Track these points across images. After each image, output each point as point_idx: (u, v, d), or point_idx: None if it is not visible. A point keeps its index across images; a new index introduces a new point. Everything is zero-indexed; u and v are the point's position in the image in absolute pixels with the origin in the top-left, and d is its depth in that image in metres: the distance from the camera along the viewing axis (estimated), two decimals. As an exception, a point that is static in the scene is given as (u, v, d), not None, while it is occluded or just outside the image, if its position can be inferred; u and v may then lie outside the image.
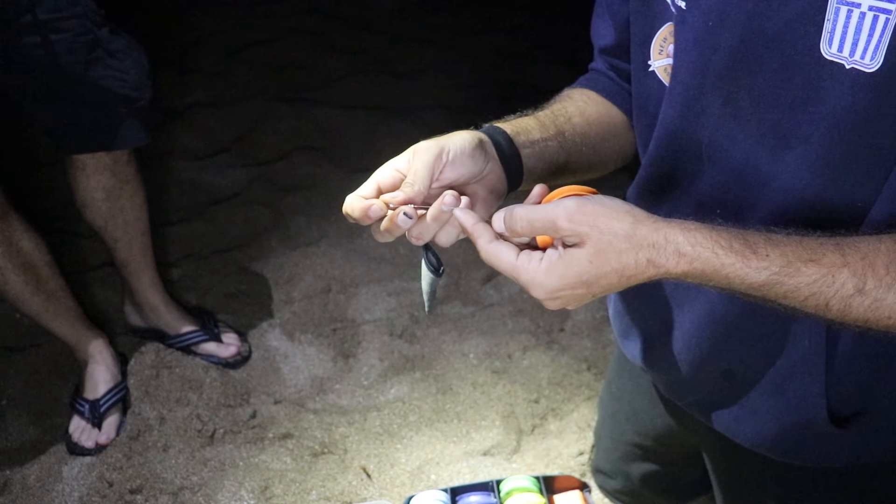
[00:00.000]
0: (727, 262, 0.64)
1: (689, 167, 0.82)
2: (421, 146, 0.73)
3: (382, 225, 0.71)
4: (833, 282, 0.64)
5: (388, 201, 0.71)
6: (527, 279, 0.67)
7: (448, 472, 1.65)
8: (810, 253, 0.64)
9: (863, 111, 0.65)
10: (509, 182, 0.81)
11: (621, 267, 0.65)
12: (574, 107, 0.94)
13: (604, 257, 0.65)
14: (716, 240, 0.65)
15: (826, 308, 0.65)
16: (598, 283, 0.66)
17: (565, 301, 0.69)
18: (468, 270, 2.21)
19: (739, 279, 0.64)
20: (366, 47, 3.39)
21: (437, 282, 0.74)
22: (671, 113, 0.80)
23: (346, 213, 0.73)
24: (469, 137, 0.75)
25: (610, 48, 0.96)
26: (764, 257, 0.64)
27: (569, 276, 0.66)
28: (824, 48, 0.65)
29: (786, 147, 0.71)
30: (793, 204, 0.73)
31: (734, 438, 0.94)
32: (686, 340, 0.91)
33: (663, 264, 0.65)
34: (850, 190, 0.70)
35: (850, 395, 0.83)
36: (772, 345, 0.84)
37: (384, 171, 0.74)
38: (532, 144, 0.84)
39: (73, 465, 1.64)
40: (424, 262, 0.74)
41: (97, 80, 1.48)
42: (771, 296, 0.66)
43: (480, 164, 0.76)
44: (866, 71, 0.63)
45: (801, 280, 0.64)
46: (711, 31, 0.72)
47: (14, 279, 1.56)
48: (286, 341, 1.98)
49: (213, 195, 2.50)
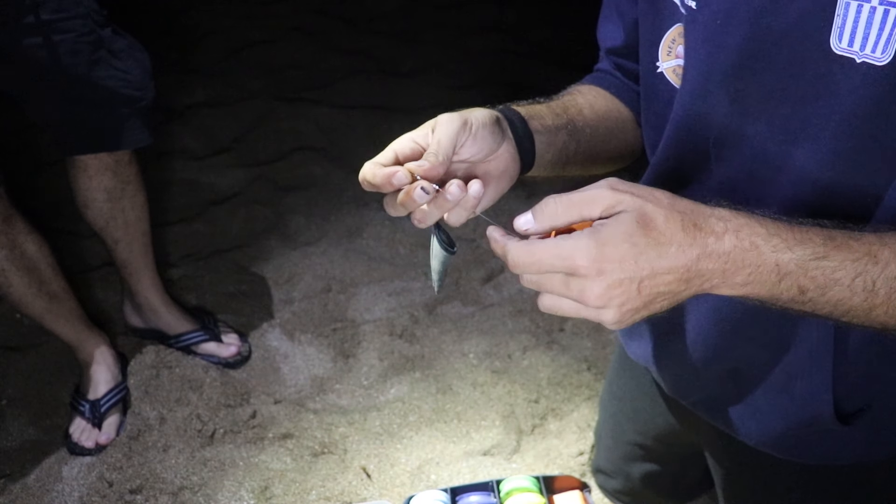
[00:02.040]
0: (773, 230, 0.62)
1: (697, 166, 0.82)
2: (443, 117, 0.71)
3: (399, 198, 0.68)
4: (877, 260, 0.63)
5: (412, 170, 0.68)
6: (570, 245, 0.59)
7: (448, 472, 1.65)
8: (846, 234, 0.64)
9: (874, 105, 0.65)
10: (522, 164, 0.80)
11: (668, 230, 0.60)
12: (584, 99, 0.95)
13: (649, 220, 0.60)
14: (755, 219, 0.63)
15: (874, 292, 0.62)
16: (645, 255, 0.59)
17: (612, 277, 0.59)
18: (468, 270, 2.21)
19: (787, 258, 0.61)
20: (366, 47, 3.39)
21: (449, 259, 0.72)
22: (680, 111, 0.80)
23: (363, 179, 0.69)
24: (488, 113, 0.75)
25: (618, 49, 0.96)
26: (804, 233, 0.63)
27: (616, 235, 0.59)
28: (834, 43, 0.65)
29: (795, 143, 0.72)
30: (803, 199, 0.73)
31: (739, 437, 0.94)
32: (693, 339, 0.91)
33: (711, 229, 0.61)
34: (861, 184, 0.70)
35: (857, 392, 0.83)
36: (779, 342, 0.84)
37: (403, 142, 0.72)
38: (545, 129, 0.84)
39: (73, 465, 1.64)
40: (436, 239, 0.71)
41: (100, 81, 1.48)
42: (819, 281, 0.62)
43: (498, 140, 0.75)
44: (878, 65, 0.64)
45: (847, 255, 0.62)
46: (720, 29, 0.72)
47: (18, 281, 1.56)
48: (286, 341, 1.98)
49: (213, 195, 2.50)
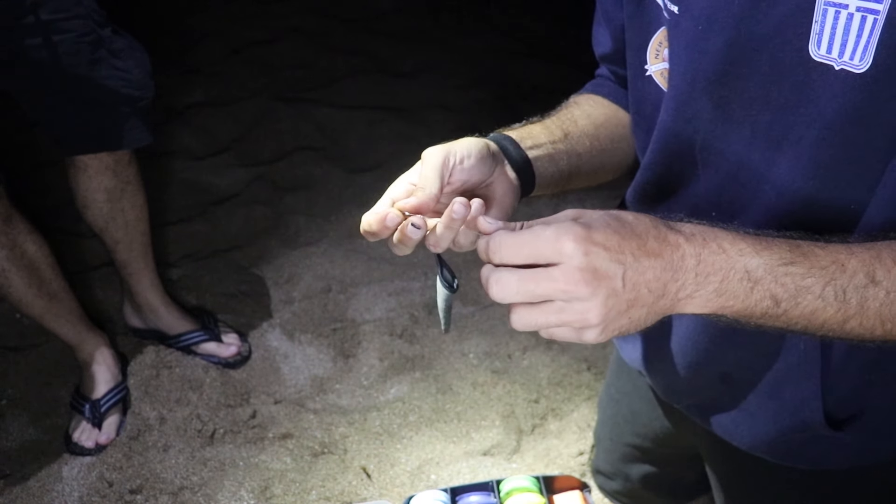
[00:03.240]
0: (737, 237, 0.62)
1: (684, 170, 0.82)
2: (428, 152, 0.72)
3: (395, 237, 0.69)
4: (844, 269, 0.62)
5: (401, 208, 0.69)
6: (554, 228, 0.58)
7: (448, 472, 1.65)
8: (812, 243, 0.64)
9: (853, 112, 0.65)
10: (522, 186, 0.80)
11: (640, 225, 0.60)
12: (580, 110, 0.95)
13: (623, 218, 0.61)
14: (718, 227, 0.63)
15: (845, 300, 0.62)
16: (627, 242, 0.58)
17: (598, 261, 0.57)
18: (468, 270, 2.21)
19: (755, 263, 0.61)
20: (366, 47, 3.39)
21: (451, 298, 0.72)
22: (666, 117, 0.80)
23: (364, 231, 0.70)
24: (475, 141, 0.75)
25: (608, 55, 0.96)
26: (769, 241, 0.63)
27: (598, 218, 0.59)
28: (813, 50, 0.65)
29: (778, 149, 0.71)
30: (786, 205, 0.73)
31: (732, 441, 0.94)
32: (683, 344, 0.91)
33: (680, 230, 0.61)
34: (844, 191, 0.70)
35: (847, 398, 0.83)
36: (768, 348, 0.84)
37: (398, 186, 0.73)
38: (539, 147, 0.84)
39: (73, 465, 1.64)
40: (439, 278, 0.72)
41: (101, 81, 1.48)
42: (790, 288, 0.61)
43: (489, 167, 0.75)
44: (855, 72, 0.63)
45: (814, 262, 0.62)
46: (701, 35, 0.72)
47: (18, 281, 1.56)
48: (286, 341, 1.98)
49: (213, 195, 2.50)
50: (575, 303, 0.58)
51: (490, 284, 0.60)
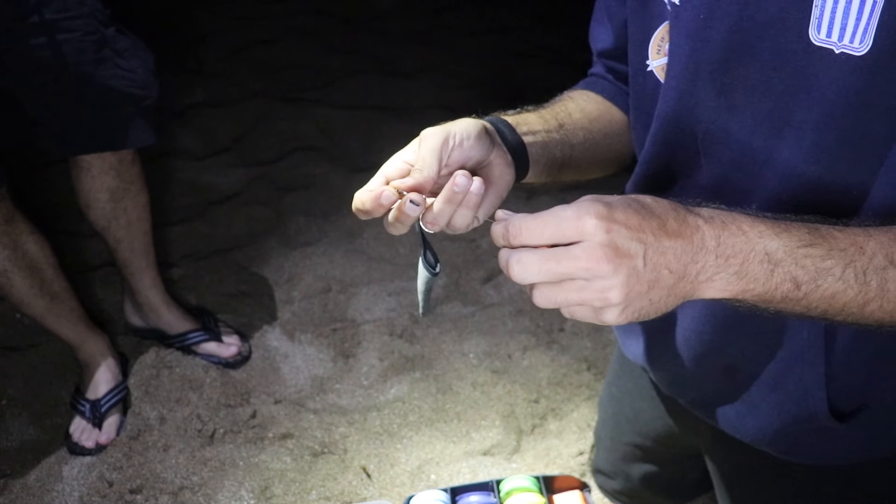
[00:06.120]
0: (755, 220, 0.62)
1: (686, 161, 0.82)
2: (427, 133, 0.72)
3: (391, 215, 0.68)
4: (863, 251, 0.62)
5: (397, 187, 0.68)
6: (575, 207, 0.58)
7: (448, 472, 1.65)
8: (829, 226, 0.63)
9: (854, 95, 0.65)
10: (517, 170, 0.80)
11: (660, 208, 0.60)
12: (574, 104, 0.95)
13: (642, 201, 0.61)
14: (737, 211, 0.64)
15: (865, 282, 0.61)
16: (647, 222, 0.59)
17: (617, 239, 0.57)
18: (468, 270, 2.21)
19: (774, 245, 0.61)
20: (366, 47, 3.39)
21: (432, 281, 0.71)
22: (666, 108, 0.80)
23: (356, 208, 0.69)
24: (473, 122, 0.75)
25: (608, 51, 0.97)
26: (787, 224, 0.63)
27: (619, 200, 0.60)
28: (813, 34, 0.65)
29: (780, 135, 0.72)
30: (790, 191, 0.73)
31: (736, 435, 0.94)
32: (686, 336, 0.91)
33: (699, 213, 0.61)
34: (846, 175, 0.70)
35: (851, 389, 0.83)
36: (771, 338, 0.84)
37: (392, 164, 0.72)
38: (534, 133, 0.84)
39: (73, 465, 1.64)
40: (421, 260, 0.71)
41: (105, 80, 1.48)
42: (811, 270, 0.61)
43: (487, 148, 0.75)
44: (856, 55, 0.63)
45: (833, 244, 0.62)
46: (703, 24, 0.72)
47: (20, 282, 1.56)
48: (286, 341, 1.98)
49: (213, 195, 2.50)
50: (596, 281, 0.58)
51: (511, 265, 0.60)
